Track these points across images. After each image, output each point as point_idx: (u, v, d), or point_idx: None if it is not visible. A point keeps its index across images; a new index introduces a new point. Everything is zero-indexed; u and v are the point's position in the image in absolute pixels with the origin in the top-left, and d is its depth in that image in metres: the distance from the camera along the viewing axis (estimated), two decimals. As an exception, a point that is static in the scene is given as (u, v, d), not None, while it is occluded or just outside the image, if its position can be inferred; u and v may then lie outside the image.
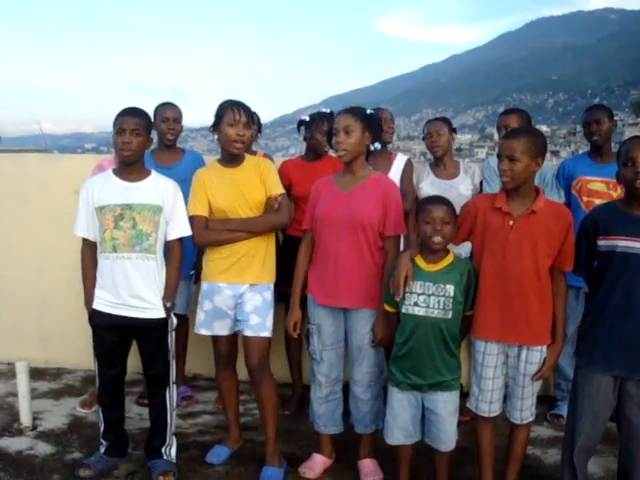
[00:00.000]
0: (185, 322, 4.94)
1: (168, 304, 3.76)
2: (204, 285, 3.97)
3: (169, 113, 4.81)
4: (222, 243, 3.84)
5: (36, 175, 5.74)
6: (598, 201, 4.47)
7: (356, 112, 3.67)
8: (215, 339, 4.00)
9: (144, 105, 4.38)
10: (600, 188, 4.60)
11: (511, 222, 3.27)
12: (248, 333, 3.83)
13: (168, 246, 3.80)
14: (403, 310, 3.42)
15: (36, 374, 5.35)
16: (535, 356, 3.35)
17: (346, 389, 3.94)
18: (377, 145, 3.76)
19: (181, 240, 3.83)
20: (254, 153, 4.80)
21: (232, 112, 3.73)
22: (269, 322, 3.89)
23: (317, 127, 4.57)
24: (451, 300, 3.34)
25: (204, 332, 3.96)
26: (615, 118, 4.84)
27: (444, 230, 3.33)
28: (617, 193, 4.45)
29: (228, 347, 4.03)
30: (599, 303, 3.29)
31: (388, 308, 3.54)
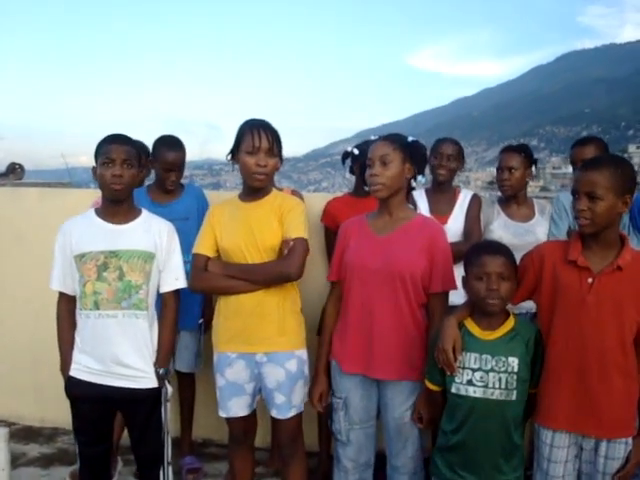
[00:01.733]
0: (192, 381, 4.30)
1: (161, 371, 3.14)
2: (214, 356, 3.35)
3: (172, 159, 4.01)
4: (218, 291, 3.28)
5: (33, 211, 5.13)
6: None
7: (395, 139, 3.04)
8: (228, 419, 3.35)
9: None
10: None
11: (590, 280, 2.59)
12: (274, 414, 3.28)
13: (161, 300, 3.20)
14: (453, 390, 2.72)
15: (29, 435, 4.91)
16: (618, 450, 2.64)
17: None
18: (421, 179, 3.12)
19: (177, 293, 3.23)
20: (280, 190, 4.15)
21: (251, 137, 3.11)
22: (297, 398, 3.25)
23: None
24: (515, 377, 2.64)
25: (222, 414, 3.35)
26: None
27: (502, 288, 2.65)
28: None
29: (244, 427, 3.39)
30: None
31: (431, 386, 2.86)
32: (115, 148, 3.03)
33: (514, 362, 2.65)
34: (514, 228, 3.98)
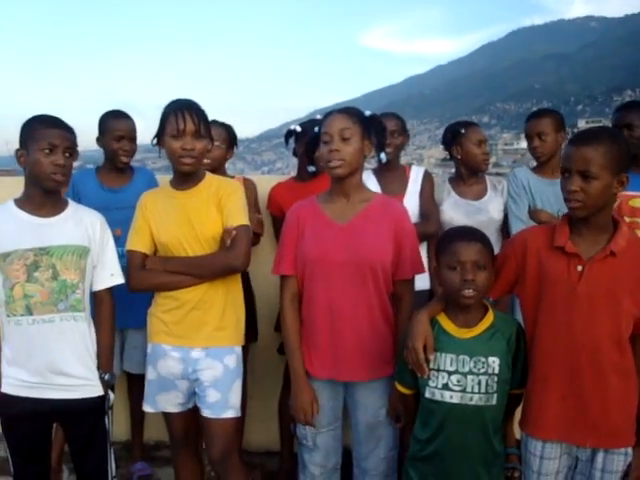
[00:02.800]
0: (143, 382, 3.98)
1: (106, 376, 2.84)
2: (148, 347, 3.05)
3: (124, 129, 3.74)
4: (161, 288, 2.96)
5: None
6: None
7: (354, 113, 2.74)
8: (165, 415, 3.05)
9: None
10: None
11: (579, 267, 2.28)
12: (206, 414, 2.92)
13: (96, 298, 2.89)
14: (427, 395, 2.43)
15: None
16: (617, 462, 2.34)
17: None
18: (383, 156, 2.85)
19: (111, 290, 2.92)
20: (232, 177, 3.85)
21: (175, 120, 2.79)
22: (235, 399, 2.93)
23: None
24: (496, 379, 2.36)
25: (147, 408, 3.06)
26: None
27: (478, 279, 2.35)
28: None
29: (184, 428, 3.07)
30: None
31: (401, 389, 2.58)
32: (57, 134, 2.67)
33: (495, 362, 2.36)
34: (465, 207, 3.74)
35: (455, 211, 3.72)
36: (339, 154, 2.64)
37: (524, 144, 3.87)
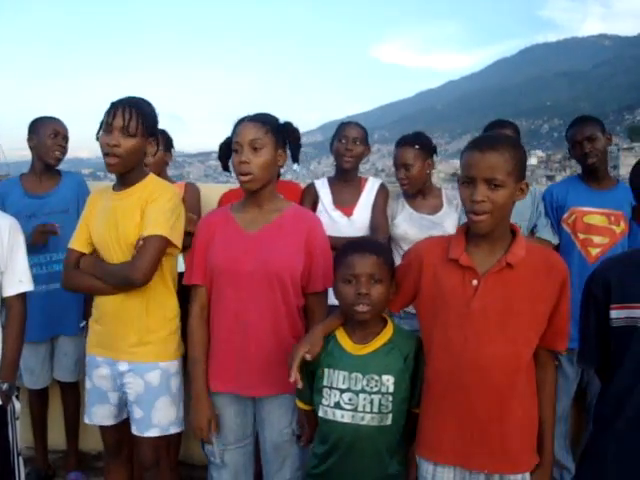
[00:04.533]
0: (75, 390, 3.95)
1: (4, 386, 2.71)
2: (86, 357, 2.98)
3: (60, 127, 3.76)
4: (87, 291, 2.99)
5: None
6: (597, 239, 3.49)
7: (266, 121, 2.62)
8: (100, 427, 2.97)
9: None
10: (599, 222, 3.54)
11: (474, 282, 2.15)
12: (133, 429, 2.86)
13: (4, 305, 2.79)
14: (321, 413, 2.33)
15: None
16: None
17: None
18: (296, 167, 2.75)
19: (23, 297, 2.81)
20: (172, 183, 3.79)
21: (106, 114, 2.70)
22: (160, 417, 2.83)
23: None
24: (390, 398, 2.24)
25: (85, 419, 2.98)
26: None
27: (373, 293, 2.24)
28: (621, 228, 3.49)
29: (117, 438, 3.00)
30: (612, 405, 2.16)
31: (300, 405, 2.47)
32: None
33: (389, 381, 2.23)
34: (420, 221, 3.61)
35: (409, 225, 3.60)
36: (248, 167, 2.53)
37: (534, 160, 3.75)
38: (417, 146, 3.56)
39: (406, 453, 2.39)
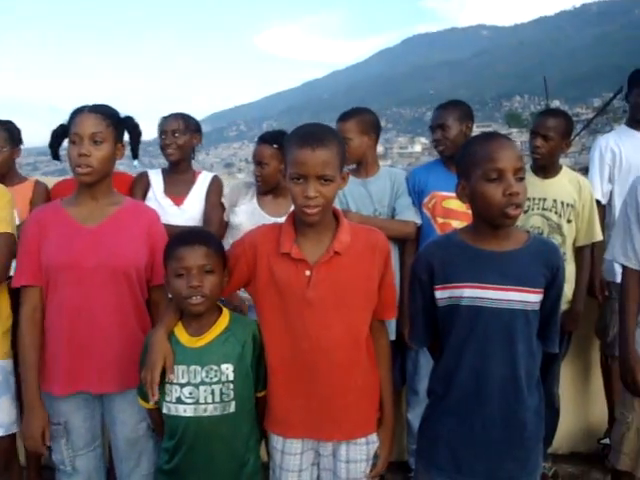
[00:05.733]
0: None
1: None
2: None
3: None
4: None
5: None
6: (456, 223, 3.51)
7: (108, 114, 2.58)
8: None
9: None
10: (457, 206, 3.57)
11: (307, 272, 2.21)
12: None
13: None
14: (165, 410, 2.32)
15: None
16: (360, 451, 2.34)
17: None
18: (135, 163, 2.74)
19: None
20: (24, 180, 3.73)
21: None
22: (2, 416, 2.75)
23: None
24: (231, 386, 2.26)
25: None
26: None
27: (206, 284, 2.25)
28: None
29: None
30: (442, 382, 2.28)
31: (143, 403, 2.43)
32: None
33: (228, 369, 2.26)
34: (260, 220, 3.44)
35: (248, 218, 3.57)
36: (88, 160, 2.49)
37: (418, 147, 3.80)
38: (275, 145, 3.54)
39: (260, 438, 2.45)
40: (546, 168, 3.76)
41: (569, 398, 4.21)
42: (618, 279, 3.94)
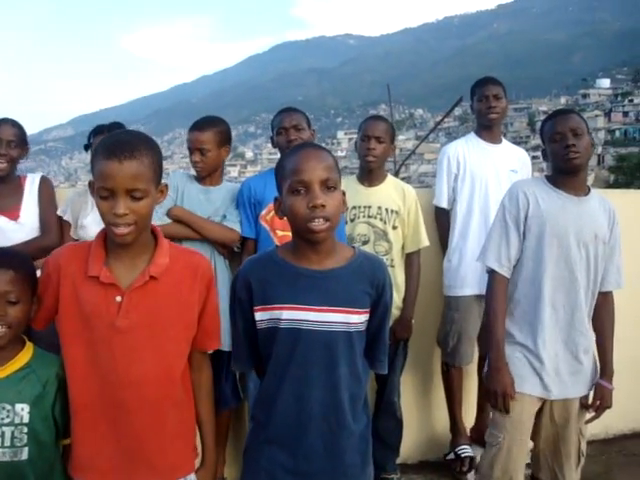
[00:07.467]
0: None
1: None
2: None
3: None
4: None
5: None
6: None
7: None
8: None
9: None
10: None
11: (118, 298, 1.98)
12: None
13: None
14: None
15: None
16: None
17: None
18: None
19: None
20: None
21: None
22: None
23: None
24: (25, 430, 2.00)
25: None
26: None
27: (9, 314, 2.00)
28: None
29: None
30: (264, 409, 2.12)
31: None
32: None
33: (24, 410, 2.00)
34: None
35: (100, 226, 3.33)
36: None
37: None
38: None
39: None
40: (373, 175, 3.79)
41: (413, 407, 4.21)
42: (459, 293, 3.99)
